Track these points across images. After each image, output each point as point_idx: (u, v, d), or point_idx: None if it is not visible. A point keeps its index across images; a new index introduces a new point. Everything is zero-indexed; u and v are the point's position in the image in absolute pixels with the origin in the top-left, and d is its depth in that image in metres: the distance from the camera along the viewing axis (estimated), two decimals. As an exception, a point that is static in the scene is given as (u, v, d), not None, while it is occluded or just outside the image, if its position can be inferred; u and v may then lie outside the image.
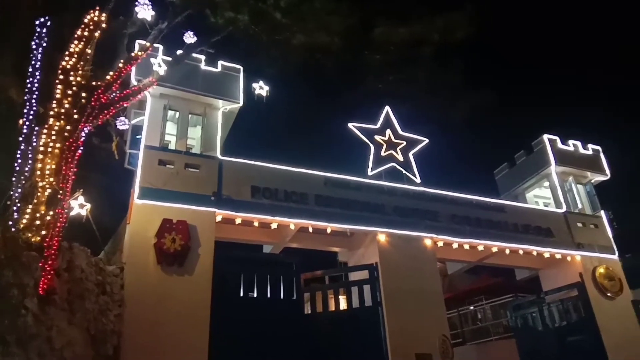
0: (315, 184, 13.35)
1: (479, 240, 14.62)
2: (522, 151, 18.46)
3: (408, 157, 15.42)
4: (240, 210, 12.08)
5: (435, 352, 11.77)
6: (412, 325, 12.39)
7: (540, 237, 15.55)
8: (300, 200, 12.87)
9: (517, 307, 17.08)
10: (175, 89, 12.66)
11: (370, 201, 13.83)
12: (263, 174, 12.84)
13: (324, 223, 13.02)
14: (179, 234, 10.93)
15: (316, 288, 13.50)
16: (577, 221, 16.54)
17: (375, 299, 12.76)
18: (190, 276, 10.87)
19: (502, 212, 15.54)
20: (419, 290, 13.00)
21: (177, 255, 10.82)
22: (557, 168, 17.29)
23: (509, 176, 18.83)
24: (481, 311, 20.52)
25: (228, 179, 12.25)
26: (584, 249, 15.92)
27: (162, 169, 11.71)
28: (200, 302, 10.71)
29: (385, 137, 15.42)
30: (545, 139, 17.61)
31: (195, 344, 10.25)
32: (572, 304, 15.48)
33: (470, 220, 14.80)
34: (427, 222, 14.16)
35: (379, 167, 14.76)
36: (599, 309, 14.86)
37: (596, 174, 17.99)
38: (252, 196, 12.34)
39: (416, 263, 13.44)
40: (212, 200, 11.79)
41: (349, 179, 13.99)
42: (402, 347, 12.06)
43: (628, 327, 14.97)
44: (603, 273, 15.58)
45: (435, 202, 14.73)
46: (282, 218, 12.51)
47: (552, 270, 16.46)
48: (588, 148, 18.26)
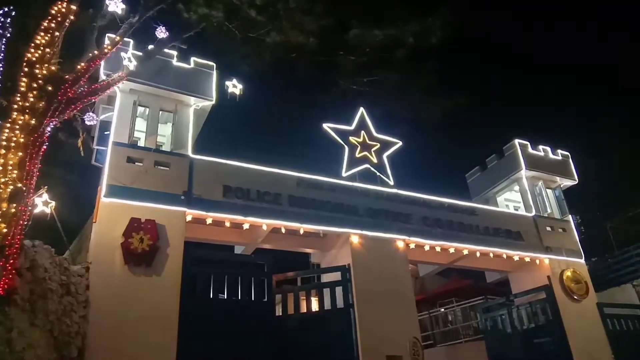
0: (288, 185, 13.23)
1: (450, 242, 14.73)
2: (494, 155, 18.73)
3: (382, 159, 15.44)
4: (212, 210, 11.87)
5: (406, 354, 11.79)
6: (383, 327, 12.38)
7: (510, 241, 15.77)
8: (273, 201, 12.73)
9: (487, 309, 17.28)
10: (145, 85, 12.38)
11: (344, 202, 13.79)
12: (235, 173, 12.65)
13: (297, 224, 12.91)
14: (147, 234, 10.67)
15: (288, 289, 13.37)
16: (546, 225, 16.84)
17: (347, 300, 12.71)
18: (159, 277, 10.61)
19: (473, 215, 15.70)
20: (390, 292, 13.01)
21: (145, 256, 10.55)
22: (527, 172, 17.59)
23: (481, 180, 19.08)
24: (452, 313, 20.70)
25: (199, 178, 12.02)
26: (552, 253, 16.22)
27: (131, 167, 11.41)
28: (169, 303, 10.47)
29: (360, 138, 15.40)
30: (516, 143, 17.90)
31: (163, 346, 10.01)
32: (540, 307, 15.74)
33: (441, 223, 14.91)
34: (399, 224, 14.20)
35: (353, 168, 14.73)
36: (565, 311, 15.15)
37: (565, 179, 18.38)
38: (224, 196, 12.14)
39: (388, 265, 13.45)
40: (182, 199, 11.54)
41: (322, 179, 13.92)
42: (373, 349, 12.04)
43: (593, 328, 15.30)
44: (570, 276, 15.89)
45: (408, 205, 14.79)
46: (254, 218, 12.34)
47: (522, 273, 16.73)
48: (557, 153, 18.65)
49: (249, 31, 13.87)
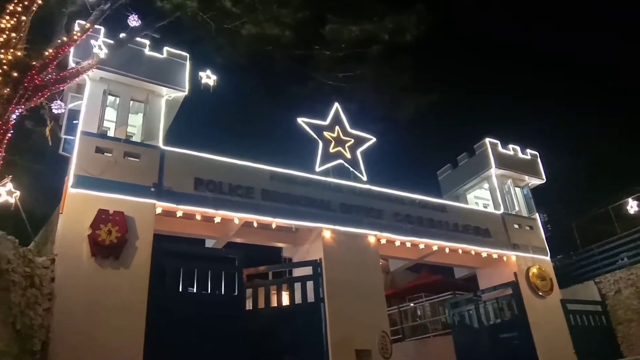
0: (261, 178, 13.16)
1: (420, 238, 14.92)
2: (465, 153, 19.03)
3: (356, 154, 15.51)
4: (182, 203, 11.72)
5: (375, 348, 11.91)
6: (353, 322, 12.47)
7: (479, 237, 16.08)
8: (246, 194, 12.65)
9: (455, 304, 17.60)
10: (116, 74, 12.09)
11: (317, 197, 13.81)
12: (207, 165, 12.51)
13: (270, 218, 12.86)
14: (116, 226, 10.48)
15: (259, 284, 13.33)
16: (514, 222, 17.23)
17: (318, 295, 12.75)
18: (127, 270, 10.44)
19: (443, 212, 15.94)
20: (361, 287, 13.11)
21: (113, 248, 10.36)
22: (497, 171, 17.93)
23: (452, 177, 19.37)
24: (421, 308, 21.02)
25: (170, 169, 11.84)
26: (519, 250, 16.61)
27: (100, 157, 11.17)
28: (137, 296, 10.31)
29: (334, 133, 15.43)
30: (487, 142, 18.21)
31: (130, 339, 9.86)
32: (507, 302, 16.11)
33: (412, 219, 15.08)
34: (371, 220, 14.31)
35: (326, 163, 14.75)
36: (530, 307, 15.55)
37: (533, 178, 18.81)
38: (195, 188, 12.00)
39: (359, 260, 13.54)
40: (152, 191, 11.35)
41: (296, 174, 13.90)
42: (343, 343, 12.12)
43: (556, 324, 15.76)
44: (536, 273, 16.31)
45: (380, 200, 14.90)
46: (226, 212, 12.24)
47: (489, 269, 17.08)
48: (527, 153, 19.05)
49: (224, 22, 13.70)
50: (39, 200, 12.76)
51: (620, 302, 16.69)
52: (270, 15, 14.19)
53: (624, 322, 16.43)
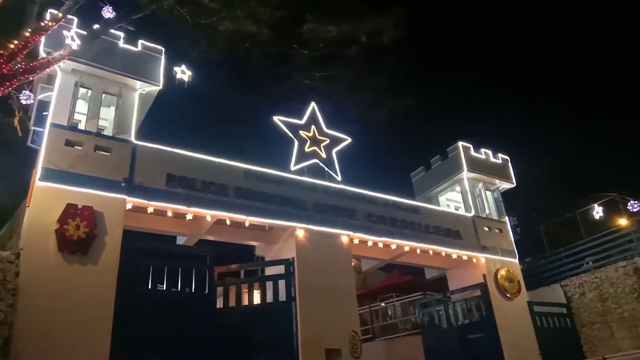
0: (235, 176, 13.07)
1: (392, 239, 15.06)
2: (438, 156, 19.28)
3: (331, 154, 15.56)
4: (153, 199, 11.55)
5: (345, 347, 11.97)
6: (324, 321, 12.51)
7: (450, 239, 16.31)
8: (219, 192, 12.54)
9: (425, 304, 17.82)
10: (89, 66, 11.83)
11: (291, 196, 13.79)
12: (180, 161, 12.36)
13: (243, 216, 12.79)
14: (84, 221, 10.27)
15: (230, 282, 13.24)
16: (484, 225, 17.54)
17: (290, 294, 12.75)
18: (95, 266, 10.24)
19: (416, 213, 16.12)
20: (333, 287, 13.16)
21: (81, 243, 10.16)
22: (469, 174, 18.24)
23: (425, 179, 19.61)
24: (391, 308, 21.20)
25: (141, 165, 11.66)
26: (489, 252, 16.92)
27: (69, 150, 10.92)
28: (104, 293, 10.12)
29: (310, 133, 15.45)
30: (459, 145, 18.49)
31: (96, 337, 9.68)
32: (475, 304, 16.40)
33: (385, 220, 15.21)
34: (345, 220, 14.37)
35: (301, 162, 14.76)
36: (498, 308, 15.85)
37: (504, 182, 19.18)
38: (167, 184, 11.84)
39: (332, 259, 13.60)
40: (122, 186, 11.16)
41: (270, 172, 13.85)
42: (313, 342, 12.16)
43: (523, 325, 16.11)
44: (504, 275, 16.64)
45: (354, 201, 14.98)
46: (198, 209, 12.12)
47: (459, 270, 17.35)
48: (498, 157, 19.42)
49: (201, 17, 13.56)
50: (5, 192, 12.44)
51: (584, 305, 17.16)
52: (248, 12, 14.12)
53: (588, 324, 16.90)
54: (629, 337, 15.57)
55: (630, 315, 15.74)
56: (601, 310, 16.60)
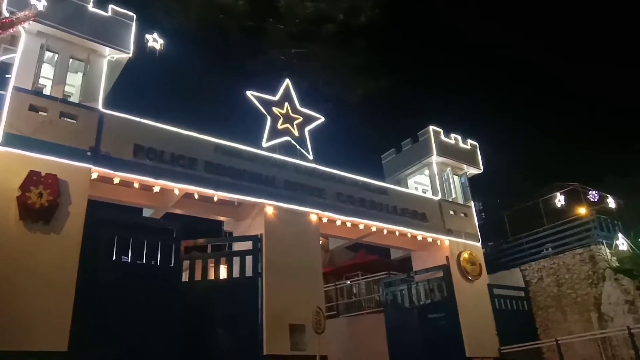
0: (205, 150, 12.93)
1: (360, 219, 15.24)
2: (409, 139, 19.48)
3: (303, 133, 15.52)
4: (120, 170, 11.34)
5: (309, 323, 12.12)
6: (289, 297, 12.65)
7: (416, 221, 16.61)
8: (188, 165, 12.40)
9: (389, 284, 18.16)
10: (56, 29, 11.41)
11: (262, 173, 13.75)
12: (149, 133, 12.14)
13: (212, 191, 12.70)
14: (47, 189, 10.03)
15: (196, 256, 13.21)
16: (450, 209, 17.90)
17: (257, 269, 12.81)
18: (58, 235, 10.05)
19: (384, 195, 16.32)
20: (300, 264, 13.28)
21: (44, 212, 9.94)
22: (438, 158, 18.52)
23: (395, 161, 19.83)
24: (356, 286, 21.50)
25: (108, 134, 11.40)
26: (453, 235, 17.32)
27: (33, 116, 10.58)
28: (67, 263, 9.98)
29: (283, 110, 15.34)
30: (430, 130, 18.71)
31: (58, 307, 9.58)
32: (437, 284, 16.82)
33: (354, 200, 15.36)
34: (314, 199, 14.45)
35: (273, 139, 14.68)
36: (459, 289, 16.31)
37: (471, 167, 19.56)
38: (135, 155, 11.63)
39: (300, 237, 13.69)
40: (88, 155, 10.91)
41: (241, 148, 13.75)
42: (278, 317, 12.30)
43: (482, 306, 16.64)
44: (467, 258, 17.09)
45: (324, 180, 15.06)
46: (166, 182, 11.96)
47: (423, 252, 17.73)
48: (467, 143, 19.74)
49: (175, -16, 13.20)
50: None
51: (541, 289, 17.81)
52: (224, -19, 13.79)
53: (544, 308, 17.57)
54: (581, 321, 16.28)
55: (583, 300, 16.44)
56: (557, 295, 17.27)
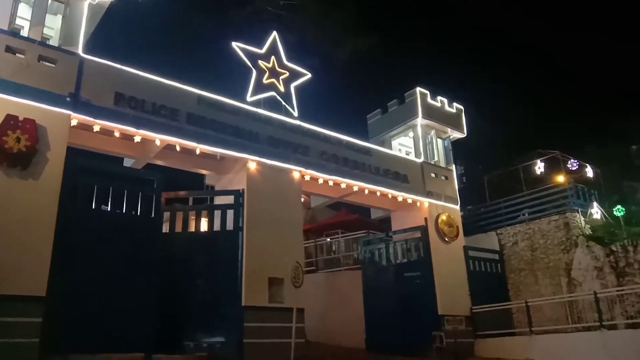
0: (188, 101, 12.72)
1: (343, 178, 15.30)
2: (396, 100, 19.38)
3: (289, 88, 15.31)
4: (100, 117, 11.11)
5: (287, 276, 12.36)
6: (269, 252, 12.82)
7: (398, 182, 16.76)
8: (170, 116, 12.21)
9: (367, 242, 18.50)
10: (32, -34, 10.90)
11: (245, 127, 13.63)
12: (130, 80, 11.86)
13: (194, 143, 12.57)
14: (25, 134, 9.83)
15: (177, 208, 13.22)
16: (431, 171, 18.08)
17: (237, 223, 12.90)
18: (36, 181, 9.93)
19: (367, 155, 16.36)
20: (281, 220, 13.38)
21: (21, 157, 9.78)
22: (423, 121, 18.52)
23: (380, 122, 19.79)
24: (336, 243, 21.87)
25: (89, 80, 11.10)
26: (433, 197, 17.56)
27: (10, 58, 10.23)
28: (45, 210, 9.91)
29: (269, 64, 15.06)
30: (417, 91, 18.62)
31: (36, 254, 9.54)
32: (414, 244, 17.18)
33: (337, 159, 15.39)
34: (297, 156, 14.43)
35: (258, 94, 14.47)
36: (436, 250, 16.70)
37: (455, 131, 19.63)
38: (116, 104, 11.39)
39: (282, 194, 13.74)
40: (67, 101, 10.66)
41: (225, 101, 13.55)
42: (257, 270, 12.50)
43: (457, 267, 17.11)
44: (444, 220, 17.40)
45: (309, 138, 14.99)
46: (147, 132, 11.79)
47: (403, 212, 17.99)
48: (453, 106, 19.72)
49: None
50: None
51: (515, 253, 18.32)
52: None
53: (516, 271, 18.12)
54: (551, 285, 16.87)
55: (554, 265, 16.99)
56: (530, 259, 17.80)
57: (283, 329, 11.75)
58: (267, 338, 11.80)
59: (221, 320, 12.07)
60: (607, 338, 12.86)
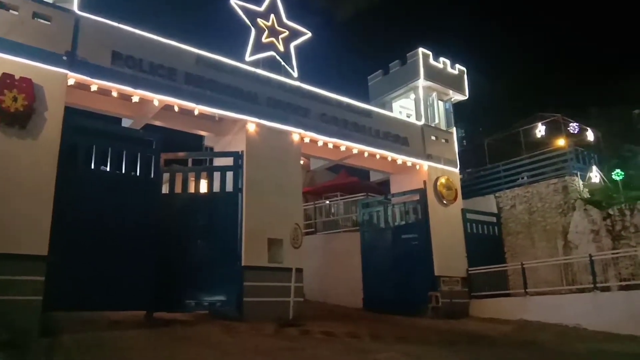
0: (186, 60, 12.53)
1: (343, 140, 15.25)
2: (397, 61, 19.09)
3: (289, 48, 15.05)
4: (97, 77, 10.97)
5: (287, 238, 12.50)
6: (269, 213, 12.90)
7: (397, 145, 16.71)
8: (168, 76, 12.05)
9: (366, 205, 18.61)
10: None
11: (244, 88, 13.47)
12: (127, 39, 11.65)
13: (192, 104, 12.46)
14: (22, 93, 9.73)
15: (177, 169, 13.22)
16: (432, 134, 17.99)
17: (237, 185, 12.93)
18: (34, 141, 9.89)
19: (368, 117, 16.24)
20: (280, 182, 13.42)
21: (19, 116, 9.71)
22: (424, 82, 18.30)
23: (381, 84, 19.55)
24: (335, 206, 22.02)
25: (85, 38, 10.89)
26: (432, 160, 17.56)
27: (4, 14, 10.02)
28: (45, 170, 9.90)
29: (269, 22, 14.75)
30: (419, 52, 18.32)
31: (37, 212, 9.59)
32: (413, 207, 17.30)
33: (337, 121, 15.29)
34: (297, 118, 14.32)
35: (258, 53, 14.23)
36: (434, 213, 16.81)
37: (457, 94, 19.42)
38: (113, 63, 11.22)
39: (281, 155, 13.72)
40: (64, 60, 10.49)
41: (224, 60, 13.34)
42: (257, 231, 12.61)
43: (454, 230, 17.27)
44: (443, 183, 17.45)
45: (309, 99, 14.85)
46: (145, 92, 11.66)
47: (402, 175, 18.03)
48: (455, 67, 19.44)
49: None
50: None
51: (513, 216, 18.47)
52: None
53: (513, 234, 18.32)
54: (547, 247, 17.09)
55: (551, 229, 17.15)
56: (527, 222, 17.95)
57: (282, 288, 11.98)
58: (267, 297, 12.02)
59: (221, 280, 12.26)
60: (600, 299, 13.12)
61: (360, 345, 9.57)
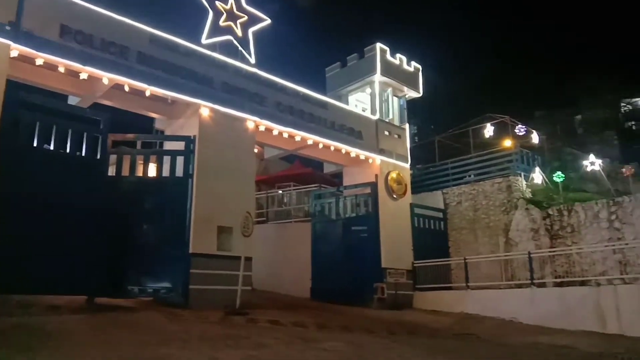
0: (139, 39, 12.12)
1: (298, 130, 15.24)
2: (355, 54, 19.22)
3: (247, 33, 14.83)
4: (43, 50, 10.43)
5: (237, 226, 12.39)
6: (219, 200, 12.74)
7: (352, 138, 16.88)
8: (119, 54, 11.62)
9: (318, 196, 18.72)
10: None
11: (199, 72, 13.20)
12: (77, 13, 11.13)
13: (144, 84, 12.09)
14: (-42, 62, 9.12)
15: (125, 151, 12.81)
16: (385, 129, 18.28)
17: (187, 170, 12.69)
18: (-29, 114, 9.31)
19: (324, 109, 16.30)
20: (232, 169, 13.27)
21: (-46, 87, 9.10)
22: (381, 78, 18.54)
23: (339, 76, 19.64)
24: (287, 196, 22.02)
25: (31, 9, 10.31)
26: (384, 155, 17.85)
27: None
28: (-19, 145, 9.35)
29: (227, 5, 14.48)
30: (377, 47, 18.51)
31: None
32: (364, 200, 17.56)
33: (293, 111, 15.25)
34: (253, 105, 14.19)
35: (214, 37, 13.95)
36: (383, 206, 17.14)
37: (412, 91, 19.79)
38: (61, 37, 10.70)
39: (235, 142, 13.56)
40: (7, 30, 9.91)
41: (179, 42, 13.00)
42: (206, 218, 12.43)
43: (402, 223, 17.68)
44: (394, 177, 17.80)
45: (265, 87, 14.73)
46: (94, 69, 11.20)
47: (355, 168, 18.25)
48: (411, 65, 19.77)
49: None
50: None
51: (458, 212, 19.09)
52: None
53: (458, 229, 18.95)
54: (489, 243, 17.79)
55: (494, 226, 17.87)
56: (472, 219, 18.61)
57: (230, 276, 11.88)
58: (214, 285, 11.91)
59: (167, 266, 12.04)
60: (536, 295, 13.79)
61: (306, 334, 9.65)
